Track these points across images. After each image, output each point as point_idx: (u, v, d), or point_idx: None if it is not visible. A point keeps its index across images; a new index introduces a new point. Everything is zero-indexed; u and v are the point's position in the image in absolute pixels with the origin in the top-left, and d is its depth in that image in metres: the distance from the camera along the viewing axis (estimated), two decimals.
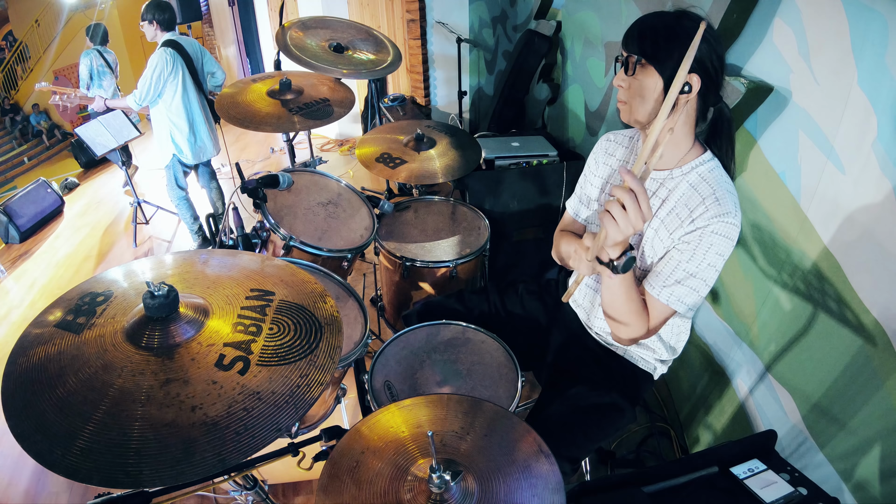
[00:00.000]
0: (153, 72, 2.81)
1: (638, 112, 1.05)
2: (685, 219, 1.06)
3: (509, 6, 3.81)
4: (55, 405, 0.78)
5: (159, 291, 0.87)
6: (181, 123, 2.97)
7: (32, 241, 4.20)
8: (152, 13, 2.84)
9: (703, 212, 1.03)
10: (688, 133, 1.08)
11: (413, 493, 0.84)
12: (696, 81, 0.99)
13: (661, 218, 1.11)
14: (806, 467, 1.33)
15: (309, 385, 0.85)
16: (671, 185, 1.11)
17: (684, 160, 1.09)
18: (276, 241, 1.66)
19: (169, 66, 2.82)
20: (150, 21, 2.85)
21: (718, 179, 1.06)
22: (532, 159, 2.47)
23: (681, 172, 1.09)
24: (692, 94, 1.00)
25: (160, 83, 2.84)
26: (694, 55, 0.85)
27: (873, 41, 1.10)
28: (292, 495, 1.82)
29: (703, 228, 1.02)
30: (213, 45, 8.00)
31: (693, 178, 1.08)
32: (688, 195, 1.07)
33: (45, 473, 2.04)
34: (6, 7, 10.54)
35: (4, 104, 10.67)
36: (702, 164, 1.08)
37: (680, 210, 1.08)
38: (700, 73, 0.98)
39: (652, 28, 1.01)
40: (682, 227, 1.06)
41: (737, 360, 1.67)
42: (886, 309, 1.10)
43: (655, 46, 1.00)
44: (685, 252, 1.05)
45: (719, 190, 1.04)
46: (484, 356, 1.37)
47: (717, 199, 1.03)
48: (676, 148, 1.09)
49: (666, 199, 1.11)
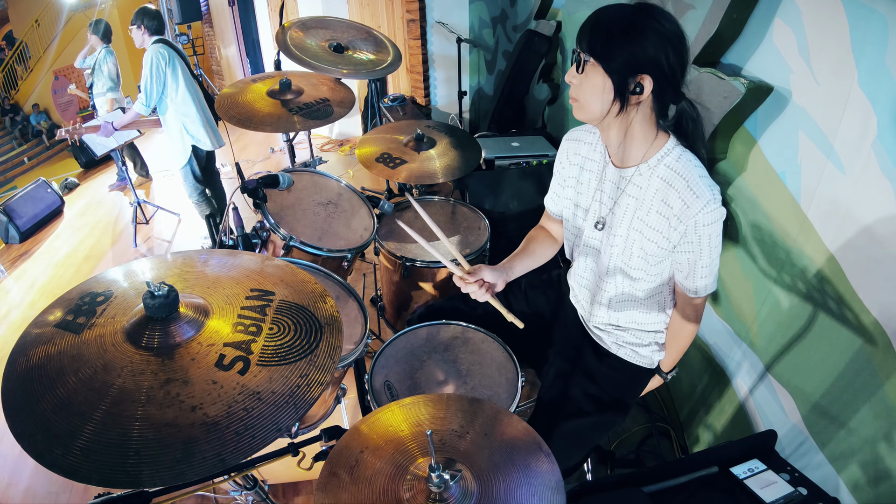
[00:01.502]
0: (151, 68, 2.81)
1: (588, 111, 1.04)
2: (669, 216, 1.06)
3: (509, 6, 3.81)
4: (55, 405, 0.78)
5: (159, 291, 0.87)
6: (191, 111, 2.97)
7: (32, 241, 4.20)
8: (141, 18, 2.88)
9: (683, 208, 1.02)
10: (649, 128, 1.06)
11: (412, 491, 0.84)
12: (648, 83, 0.97)
13: (643, 218, 1.10)
14: (806, 467, 1.33)
15: (309, 385, 0.85)
16: (640, 181, 1.09)
17: (648, 154, 1.08)
18: (276, 241, 1.66)
19: (165, 58, 2.83)
20: (138, 26, 2.90)
21: (687, 166, 1.04)
22: (532, 159, 2.47)
23: (647, 167, 1.08)
24: (644, 95, 0.98)
25: (161, 77, 2.84)
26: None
27: (873, 41, 1.10)
28: (292, 495, 1.82)
29: (694, 226, 1.03)
30: (213, 45, 8.00)
31: (663, 172, 1.06)
32: (663, 191, 1.06)
33: (45, 473, 2.04)
34: (6, 7, 10.54)
35: (4, 104, 10.68)
36: (668, 154, 1.06)
37: (659, 207, 1.07)
38: (653, 73, 0.96)
39: (604, 24, 0.97)
40: (670, 227, 1.06)
41: (737, 360, 1.67)
42: (886, 309, 1.10)
43: (605, 45, 0.96)
44: (693, 252, 1.07)
45: (692, 179, 1.02)
46: (484, 356, 1.37)
47: (693, 190, 1.01)
48: (639, 144, 1.07)
49: (641, 199, 1.10)
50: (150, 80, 2.82)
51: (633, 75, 0.96)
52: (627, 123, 1.04)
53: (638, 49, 0.94)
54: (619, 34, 0.95)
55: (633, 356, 1.31)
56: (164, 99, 2.92)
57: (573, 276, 1.38)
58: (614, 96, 0.99)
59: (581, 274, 1.33)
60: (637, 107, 1.01)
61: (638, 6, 0.97)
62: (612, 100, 0.99)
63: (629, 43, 0.94)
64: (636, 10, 0.96)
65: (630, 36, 0.94)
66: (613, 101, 0.99)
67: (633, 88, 0.97)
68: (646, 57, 0.95)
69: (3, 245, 4.20)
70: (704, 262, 1.08)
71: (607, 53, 0.96)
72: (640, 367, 1.32)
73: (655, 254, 1.11)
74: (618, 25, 0.96)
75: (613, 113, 1.01)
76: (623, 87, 0.97)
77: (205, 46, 8.11)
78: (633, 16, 0.95)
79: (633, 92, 0.98)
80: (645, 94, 0.98)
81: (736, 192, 1.61)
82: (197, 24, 7.20)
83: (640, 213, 1.11)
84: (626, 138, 1.07)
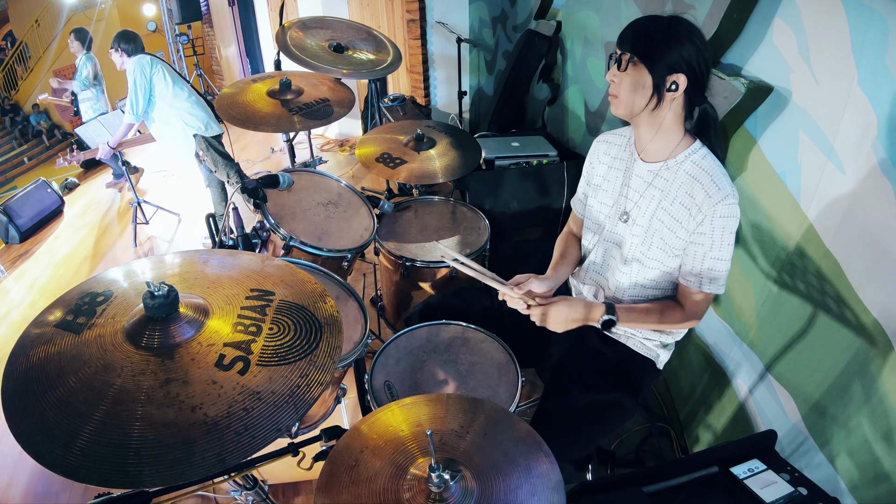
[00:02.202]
0: (135, 76, 2.86)
1: (626, 105, 1.14)
2: (691, 206, 1.13)
3: (509, 6, 3.81)
4: (55, 405, 0.78)
5: (159, 291, 0.87)
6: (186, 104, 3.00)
7: (32, 241, 4.20)
8: (118, 41, 2.95)
9: (705, 198, 1.11)
10: (678, 126, 1.16)
11: (412, 492, 0.84)
12: (682, 81, 1.08)
13: (666, 208, 1.18)
14: (806, 467, 1.33)
15: (309, 385, 0.85)
16: (668, 175, 1.18)
17: (676, 151, 1.17)
18: (276, 241, 1.66)
19: (147, 64, 2.88)
20: (115, 49, 2.96)
21: (713, 165, 1.14)
22: (532, 159, 2.47)
23: (675, 162, 1.17)
24: (678, 93, 1.09)
25: (145, 81, 2.87)
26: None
27: (873, 41, 1.10)
28: (292, 495, 1.82)
29: (711, 216, 1.10)
30: (213, 45, 8.00)
31: (689, 167, 1.15)
32: (688, 184, 1.15)
33: (45, 473, 2.04)
34: (6, 7, 10.54)
35: (4, 104, 10.68)
36: (694, 153, 1.16)
37: (683, 199, 1.15)
38: (687, 74, 1.07)
39: (646, 29, 1.10)
40: (690, 217, 1.13)
41: (737, 360, 1.67)
42: (886, 309, 1.10)
43: (648, 46, 1.08)
44: (704, 244, 1.14)
45: (716, 175, 1.12)
46: (484, 356, 1.37)
47: (716, 183, 1.11)
48: (667, 140, 1.17)
49: (667, 191, 1.18)
50: (135, 88, 2.88)
51: (671, 73, 1.07)
52: (660, 120, 1.15)
53: (675, 51, 1.06)
54: (661, 37, 1.08)
55: (640, 347, 1.34)
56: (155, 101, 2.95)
57: (584, 269, 1.40)
58: (653, 92, 1.10)
59: (595, 267, 1.36)
60: (670, 104, 1.12)
61: (673, 18, 1.09)
62: (650, 95, 1.10)
63: (669, 44, 1.06)
64: (672, 20, 1.09)
65: (670, 39, 1.07)
66: (651, 97, 1.10)
67: (669, 86, 1.08)
68: (682, 58, 1.07)
69: (3, 245, 4.20)
70: (715, 254, 1.14)
71: (650, 52, 1.07)
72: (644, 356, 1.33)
73: (674, 244, 1.17)
74: (660, 30, 1.09)
75: (650, 108, 1.12)
76: (661, 84, 1.09)
77: (205, 46, 8.11)
78: (670, 25, 1.09)
79: (668, 89, 1.09)
80: (679, 92, 1.09)
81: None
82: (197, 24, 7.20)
83: (664, 203, 1.18)
84: (657, 134, 1.17)
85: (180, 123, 3.00)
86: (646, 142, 1.20)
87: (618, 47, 1.13)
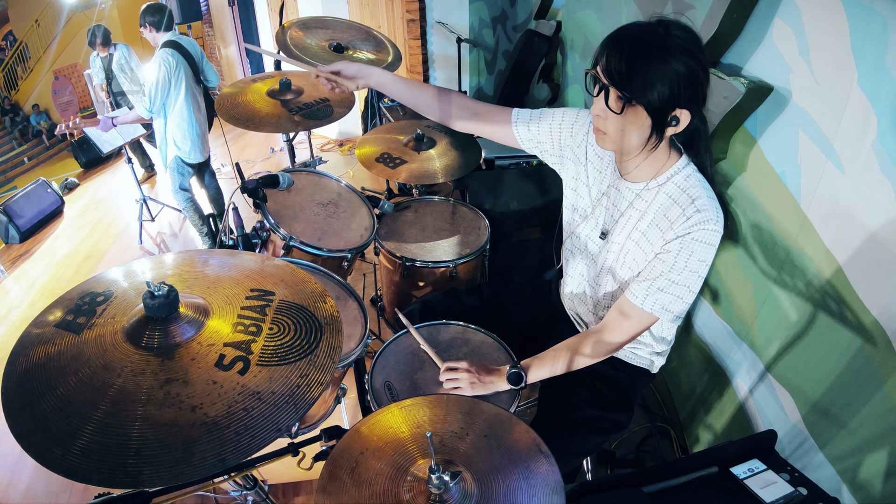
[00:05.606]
0: (159, 78, 2.82)
1: (616, 143, 1.03)
2: (664, 227, 1.06)
3: (509, 6, 3.81)
4: (55, 405, 0.78)
5: (159, 291, 0.87)
6: (183, 124, 2.97)
7: (32, 241, 4.20)
8: (143, 17, 2.87)
9: (681, 219, 1.02)
10: (665, 147, 1.05)
11: (412, 493, 0.84)
12: (685, 117, 0.96)
13: (642, 231, 1.11)
14: (806, 467, 1.33)
15: (309, 385, 0.85)
16: (648, 196, 1.10)
17: (661, 171, 1.08)
18: (276, 241, 1.66)
19: (173, 67, 2.83)
20: (143, 25, 2.89)
21: (696, 186, 1.03)
22: (532, 159, 2.46)
23: (656, 183, 1.08)
24: (679, 127, 0.98)
25: (167, 86, 2.84)
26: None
27: (873, 41, 1.10)
28: (292, 495, 1.82)
29: (684, 236, 1.01)
30: (213, 45, 8.00)
31: (670, 189, 1.06)
32: (666, 206, 1.06)
33: (45, 473, 2.04)
34: (6, 7, 10.54)
35: (4, 104, 10.67)
36: (677, 173, 1.06)
37: (660, 221, 1.07)
38: (691, 108, 0.96)
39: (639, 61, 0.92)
40: (661, 236, 1.06)
41: (737, 360, 1.67)
42: (886, 309, 1.10)
43: (644, 85, 0.92)
44: (667, 261, 1.04)
45: (699, 199, 1.02)
46: (484, 357, 1.37)
47: (697, 208, 1.01)
48: (653, 163, 1.07)
49: (645, 211, 1.10)
50: (157, 85, 2.83)
51: (673, 110, 0.95)
52: (651, 149, 1.03)
53: (677, 86, 0.92)
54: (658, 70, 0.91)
55: (631, 357, 1.32)
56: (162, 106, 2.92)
57: (567, 279, 1.38)
58: (651, 132, 0.98)
59: (575, 277, 1.33)
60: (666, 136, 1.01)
61: (666, 32, 0.93)
62: (648, 136, 0.99)
63: (669, 76, 0.91)
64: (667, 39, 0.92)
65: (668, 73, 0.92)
66: (650, 138, 0.99)
67: (670, 121, 0.97)
68: (685, 90, 0.93)
69: (3, 245, 4.21)
70: (674, 276, 1.03)
71: (651, 93, 0.93)
72: (640, 367, 1.32)
73: (643, 264, 1.12)
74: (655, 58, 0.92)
75: (649, 146, 1.02)
76: (662, 123, 0.97)
77: (205, 46, 8.12)
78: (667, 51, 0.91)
79: (668, 124, 0.97)
80: (681, 127, 0.98)
81: (736, 192, 1.61)
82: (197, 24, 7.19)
83: (640, 224, 1.11)
84: (645, 161, 1.07)
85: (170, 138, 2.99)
86: (631, 167, 1.10)
87: (604, 75, 0.96)
